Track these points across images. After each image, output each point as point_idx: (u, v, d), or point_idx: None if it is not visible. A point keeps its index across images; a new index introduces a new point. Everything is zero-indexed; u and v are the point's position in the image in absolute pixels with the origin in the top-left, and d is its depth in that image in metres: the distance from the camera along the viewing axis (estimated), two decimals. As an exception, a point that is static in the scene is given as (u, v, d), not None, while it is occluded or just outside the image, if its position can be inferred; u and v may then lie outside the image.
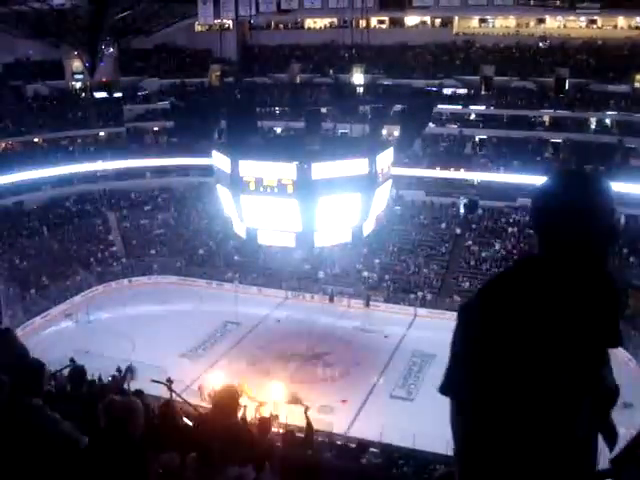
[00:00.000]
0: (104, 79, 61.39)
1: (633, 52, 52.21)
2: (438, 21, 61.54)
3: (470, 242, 49.23)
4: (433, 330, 40.97)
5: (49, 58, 58.83)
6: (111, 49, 60.28)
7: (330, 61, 60.81)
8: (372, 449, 28.31)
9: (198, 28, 65.42)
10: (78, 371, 7.40)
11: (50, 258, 48.04)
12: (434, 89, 56.12)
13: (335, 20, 62.31)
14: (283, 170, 28.15)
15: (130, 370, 13.85)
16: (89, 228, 52.46)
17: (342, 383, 35.52)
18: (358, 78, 58.27)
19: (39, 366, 4.62)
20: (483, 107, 55.34)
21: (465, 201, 51.99)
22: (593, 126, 52.25)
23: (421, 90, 55.73)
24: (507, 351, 1.81)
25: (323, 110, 54.55)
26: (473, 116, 56.07)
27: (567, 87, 52.77)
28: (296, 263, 46.37)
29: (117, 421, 4.22)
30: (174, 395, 13.80)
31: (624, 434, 2.07)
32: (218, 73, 62.20)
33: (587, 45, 55.22)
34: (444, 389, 2.01)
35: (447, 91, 56.98)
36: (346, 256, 47.80)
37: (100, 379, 18.34)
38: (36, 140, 56.11)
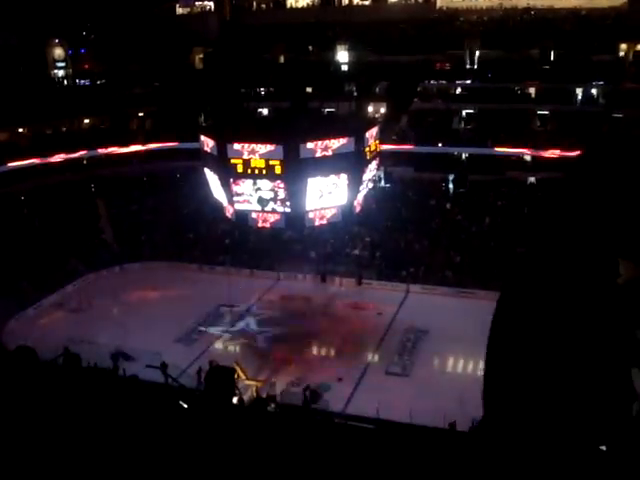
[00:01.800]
0: (87, 66, 60.94)
1: (617, 21, 52.13)
2: (421, -4, 61.29)
3: (460, 217, 49.27)
4: (426, 306, 41.22)
5: (30, 47, 58.24)
6: (92, 35, 59.83)
7: (313, 40, 60.46)
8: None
9: (179, 11, 64.92)
10: (72, 358, 7.39)
11: (41, 248, 47.82)
12: (419, 65, 55.90)
13: (317, -2, 62.02)
14: (270, 151, 28.09)
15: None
16: (78, 216, 52.18)
17: (337, 361, 35.69)
18: (342, 56, 57.98)
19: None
20: (469, 81, 55.14)
21: (454, 176, 52.03)
22: (579, 97, 52.22)
23: (406, 66, 55.48)
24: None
25: (308, 89, 54.39)
26: (459, 90, 55.87)
27: (552, 58, 52.67)
28: (287, 244, 46.42)
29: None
30: (169, 379, 13.80)
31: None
32: (201, 56, 61.83)
33: (571, 15, 55.10)
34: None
35: (432, 66, 56.75)
36: (337, 235, 47.81)
37: (96, 366, 18.35)
38: (20, 130, 55.67)
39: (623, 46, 51.03)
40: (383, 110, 56.06)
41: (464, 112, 54.84)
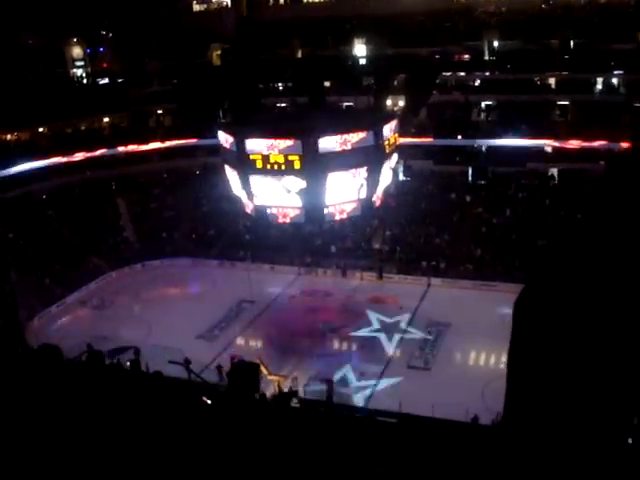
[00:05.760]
0: (105, 65, 61.29)
1: (637, 9, 51.47)
2: (439, -13, 60.85)
3: (480, 209, 49.00)
4: (447, 299, 41.05)
5: (49, 46, 58.65)
6: (110, 34, 60.14)
7: (331, 34, 60.32)
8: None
9: (196, 8, 65.07)
10: (95, 356, 7.43)
11: (62, 246, 48.21)
12: (437, 57, 55.57)
13: (334, -8, 61.88)
14: (289, 146, 28.06)
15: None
16: (99, 214, 52.52)
17: (359, 355, 35.67)
18: (360, 50, 57.79)
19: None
20: (488, 72, 54.70)
21: (473, 168, 51.69)
22: (599, 86, 51.64)
23: (424, 59, 55.19)
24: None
25: (326, 84, 54.28)
26: (478, 82, 55.46)
27: (572, 48, 52.13)
28: (307, 239, 46.42)
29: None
30: (192, 375, 13.86)
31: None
32: (219, 52, 61.94)
33: (590, 4, 54.49)
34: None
35: (451, 58, 56.39)
36: (357, 229, 47.76)
37: (119, 362, 18.48)
38: (41, 130, 56.09)
39: (644, 34, 50.33)
40: (402, 103, 55.83)
41: (483, 104, 54.46)
